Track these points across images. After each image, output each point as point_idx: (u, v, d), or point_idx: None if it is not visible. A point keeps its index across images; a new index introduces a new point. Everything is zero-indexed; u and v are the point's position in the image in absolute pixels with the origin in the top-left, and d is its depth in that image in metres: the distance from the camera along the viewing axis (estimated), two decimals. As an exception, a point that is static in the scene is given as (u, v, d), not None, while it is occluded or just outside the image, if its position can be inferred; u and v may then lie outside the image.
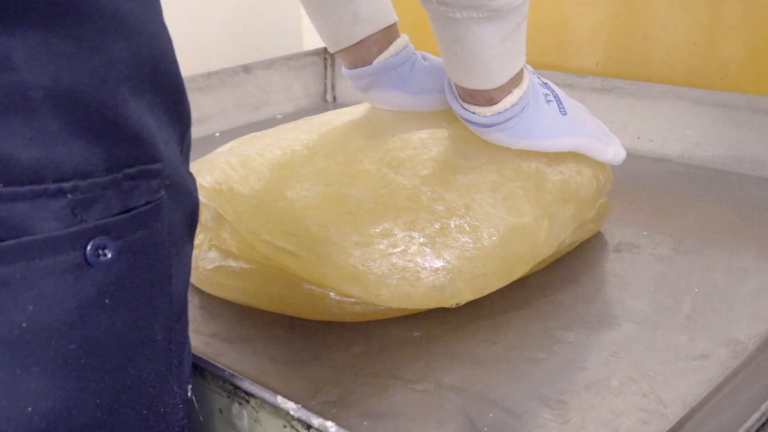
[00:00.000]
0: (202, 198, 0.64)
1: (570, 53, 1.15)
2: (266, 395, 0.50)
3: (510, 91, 0.60)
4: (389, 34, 0.70)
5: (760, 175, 0.90)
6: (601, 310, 0.64)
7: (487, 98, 0.59)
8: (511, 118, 0.60)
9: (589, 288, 0.67)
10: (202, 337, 0.62)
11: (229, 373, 0.52)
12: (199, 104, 1.16)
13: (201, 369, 0.54)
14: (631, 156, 0.98)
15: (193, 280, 0.67)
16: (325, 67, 1.34)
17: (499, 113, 0.60)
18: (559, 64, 1.15)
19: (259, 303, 0.63)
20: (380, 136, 0.68)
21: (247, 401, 0.51)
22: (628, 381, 0.54)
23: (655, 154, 0.98)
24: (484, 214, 0.61)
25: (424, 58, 0.73)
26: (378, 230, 0.59)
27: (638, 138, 1.00)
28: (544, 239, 0.64)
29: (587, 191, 0.70)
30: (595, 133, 0.68)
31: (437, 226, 0.60)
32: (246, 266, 0.62)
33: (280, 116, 1.23)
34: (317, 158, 0.65)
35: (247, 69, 1.23)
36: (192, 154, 0.77)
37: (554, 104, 0.64)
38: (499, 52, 0.55)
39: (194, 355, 0.55)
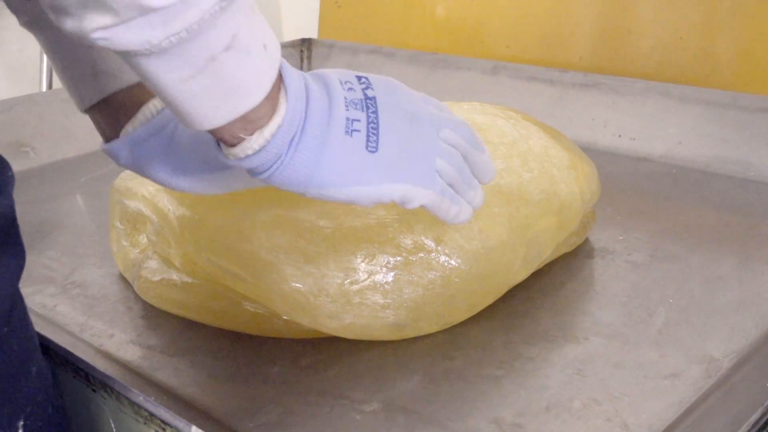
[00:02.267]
0: (145, 209, 0.60)
1: (553, 47, 1.10)
2: (180, 424, 0.46)
3: (242, 138, 0.43)
4: (139, 94, 0.52)
5: (745, 176, 0.86)
6: (568, 323, 0.60)
7: (218, 138, 0.44)
8: (272, 164, 0.44)
9: (557, 298, 0.63)
10: (141, 349, 0.58)
11: (143, 398, 0.48)
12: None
13: (117, 393, 0.50)
14: (612, 155, 0.94)
15: (135, 289, 0.63)
16: (301, 60, 1.29)
17: (240, 159, 0.43)
18: (541, 58, 1.11)
19: (201, 318, 0.59)
20: None
21: (164, 429, 0.47)
22: (592, 402, 0.50)
23: (636, 153, 0.94)
24: (456, 247, 0.56)
25: None
26: (335, 261, 0.54)
27: (620, 136, 0.96)
28: (520, 266, 0.60)
29: (570, 209, 0.65)
30: (435, 182, 0.49)
31: (402, 260, 0.55)
32: (189, 280, 0.58)
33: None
34: None
35: (218, 61, 1.18)
36: None
37: (361, 137, 0.45)
38: (185, 92, 0.40)
39: (111, 378, 0.51)
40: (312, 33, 1.38)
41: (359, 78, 0.47)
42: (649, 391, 0.51)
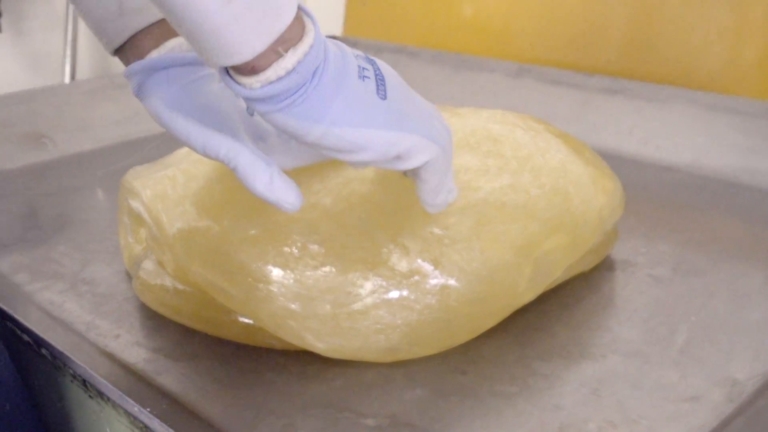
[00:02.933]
0: (144, 212, 0.59)
1: (579, 50, 1.08)
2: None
3: (280, 54, 0.41)
4: (168, 30, 0.51)
5: (774, 189, 0.84)
6: (586, 339, 0.57)
7: (248, 68, 0.41)
8: (295, 91, 0.42)
9: (575, 312, 0.61)
10: (146, 352, 0.56)
11: (139, 409, 0.46)
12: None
13: (113, 401, 0.49)
14: (637, 163, 0.92)
15: (135, 290, 0.62)
16: (324, 57, 1.28)
17: (270, 83, 0.41)
18: (567, 61, 1.09)
19: (195, 326, 0.57)
20: (347, 166, 0.57)
21: (160, 441, 0.46)
22: (608, 425, 0.48)
23: (662, 162, 0.91)
24: (455, 269, 0.53)
25: None
26: (323, 282, 0.51)
27: (645, 144, 0.93)
28: (525, 288, 0.57)
29: (586, 227, 0.61)
30: (442, 136, 0.48)
31: (396, 284, 0.52)
32: (181, 287, 0.57)
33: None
34: None
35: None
36: (174, 145, 0.71)
37: (371, 83, 0.45)
38: (228, 16, 0.38)
39: (107, 385, 0.49)
40: (337, 30, 1.36)
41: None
42: (668, 415, 0.49)
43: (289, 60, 0.41)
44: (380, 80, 0.45)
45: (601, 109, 0.98)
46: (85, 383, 0.51)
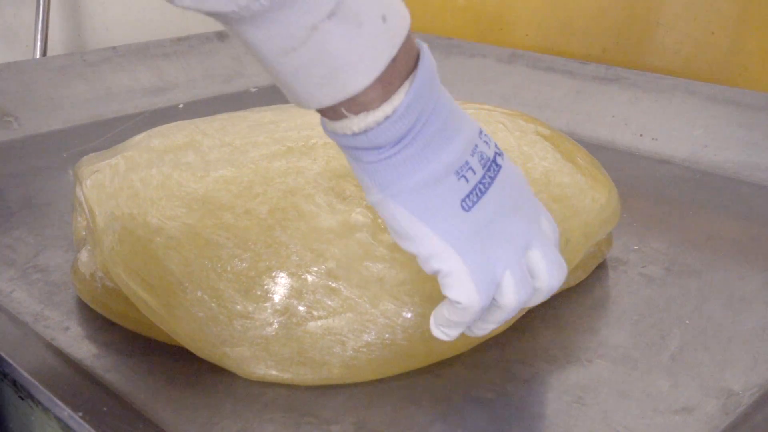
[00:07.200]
0: (84, 202, 0.55)
1: (575, 37, 1.04)
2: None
3: (343, 114, 0.37)
4: None
5: (775, 185, 0.80)
6: (570, 341, 0.53)
7: (348, 105, 0.37)
8: (366, 149, 0.38)
9: (560, 312, 0.57)
10: (96, 347, 0.52)
11: (69, 414, 0.42)
12: (163, 72, 1.06)
13: (42, 405, 0.44)
14: (632, 156, 0.88)
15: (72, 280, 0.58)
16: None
17: (341, 135, 0.38)
18: (562, 48, 1.05)
19: (127, 326, 0.53)
20: (297, 170, 0.53)
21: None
22: (591, 437, 0.45)
23: (658, 154, 0.87)
24: (403, 308, 0.48)
25: None
26: (242, 306, 0.47)
27: (641, 135, 0.89)
28: None
29: (565, 249, 0.54)
30: (487, 289, 0.40)
31: (324, 319, 0.47)
32: (110, 285, 0.52)
33: (254, 89, 1.13)
34: (210, 179, 0.53)
35: (221, 36, 1.13)
36: (148, 127, 0.67)
37: (464, 187, 0.39)
38: (287, 65, 0.35)
39: (36, 385, 0.45)
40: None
41: (496, 146, 0.41)
42: (658, 427, 0.45)
43: (356, 124, 0.37)
44: (479, 192, 0.39)
45: (595, 99, 0.93)
46: (14, 383, 0.46)
